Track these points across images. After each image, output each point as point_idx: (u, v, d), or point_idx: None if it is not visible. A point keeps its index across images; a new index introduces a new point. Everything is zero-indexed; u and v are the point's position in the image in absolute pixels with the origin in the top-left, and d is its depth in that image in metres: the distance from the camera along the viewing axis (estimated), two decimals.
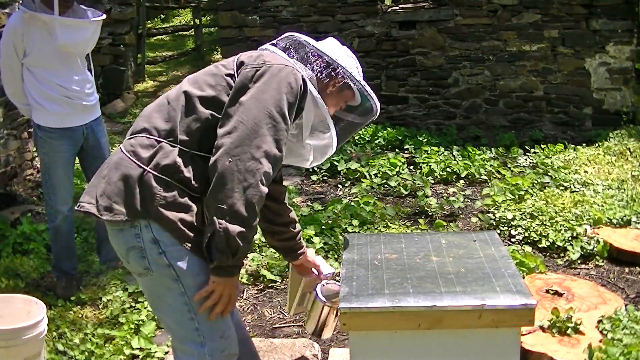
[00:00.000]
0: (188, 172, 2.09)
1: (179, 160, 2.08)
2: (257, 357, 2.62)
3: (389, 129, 6.99)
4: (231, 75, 2.18)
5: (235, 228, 1.97)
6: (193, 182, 2.09)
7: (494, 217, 4.75)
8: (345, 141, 2.55)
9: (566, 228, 4.41)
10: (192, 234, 2.08)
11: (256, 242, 4.33)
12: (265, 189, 2.03)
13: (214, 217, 1.99)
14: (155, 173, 2.07)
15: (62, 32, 3.60)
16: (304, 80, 2.17)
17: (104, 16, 3.87)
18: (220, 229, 1.97)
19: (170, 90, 2.27)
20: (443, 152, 6.33)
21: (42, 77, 3.65)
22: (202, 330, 2.12)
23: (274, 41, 2.36)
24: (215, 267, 2.04)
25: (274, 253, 4.17)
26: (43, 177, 3.87)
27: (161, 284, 2.12)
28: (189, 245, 2.08)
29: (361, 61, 2.49)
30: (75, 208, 2.17)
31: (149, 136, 2.13)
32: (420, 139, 6.73)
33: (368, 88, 2.33)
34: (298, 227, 2.61)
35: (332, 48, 2.33)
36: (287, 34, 2.38)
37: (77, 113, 3.75)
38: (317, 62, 2.27)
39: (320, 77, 2.26)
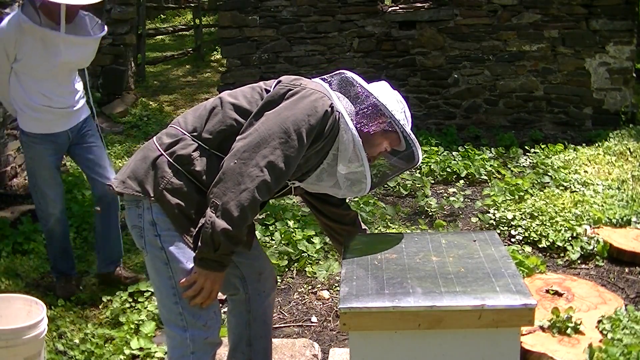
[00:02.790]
0: (200, 167, 2.20)
1: (195, 154, 2.21)
2: (269, 356, 2.63)
3: None
4: (267, 91, 2.29)
5: (221, 224, 2.04)
6: (204, 177, 2.19)
7: (494, 217, 4.75)
8: (382, 184, 2.57)
9: (566, 228, 4.41)
10: (189, 224, 2.18)
11: None
12: (260, 197, 2.10)
13: (208, 209, 2.09)
14: (169, 159, 2.21)
15: (66, 49, 3.48)
16: (332, 107, 2.20)
17: (105, 30, 3.74)
18: (209, 221, 2.06)
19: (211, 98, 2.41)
20: (443, 152, 6.33)
21: (27, 84, 3.55)
22: (185, 315, 2.20)
23: (324, 76, 2.40)
24: (198, 257, 2.12)
25: (274, 253, 4.18)
26: (30, 180, 3.81)
27: (153, 266, 2.23)
28: (184, 233, 2.18)
29: (361, 61, 2.49)
30: (106, 184, 2.36)
31: (176, 127, 2.29)
32: (420, 139, 6.72)
33: (411, 134, 2.33)
34: None
35: (381, 90, 2.35)
36: (338, 71, 2.42)
37: (59, 119, 3.66)
38: (363, 100, 2.30)
39: (363, 115, 2.28)
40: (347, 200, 2.65)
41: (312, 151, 2.23)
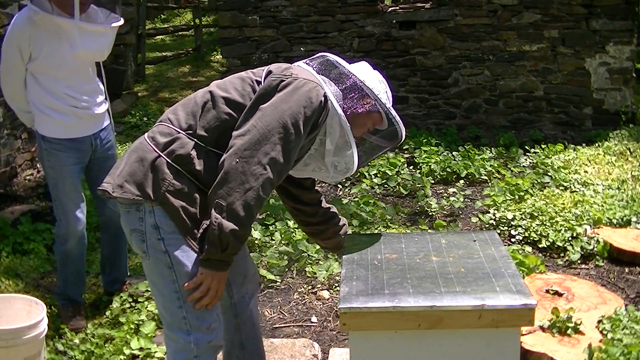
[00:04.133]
0: (199, 166, 2.17)
1: (193, 153, 2.17)
2: (263, 356, 2.63)
3: None
4: (258, 82, 2.26)
5: (229, 225, 2.04)
6: (203, 175, 2.16)
7: (494, 217, 4.75)
8: (368, 162, 2.59)
9: (566, 228, 4.41)
10: (192, 226, 2.15)
11: (256, 242, 4.33)
12: (265, 195, 2.10)
13: (212, 211, 2.06)
14: (168, 160, 2.16)
15: (81, 39, 3.25)
16: (325, 97, 2.21)
17: (122, 21, 3.52)
18: (215, 223, 2.04)
19: (200, 90, 2.34)
20: (443, 152, 6.34)
21: (48, 85, 3.31)
22: (189, 319, 2.18)
23: (307, 59, 2.40)
24: (204, 259, 2.10)
25: (274, 253, 4.18)
26: (52, 192, 3.48)
27: (156, 270, 2.19)
28: (188, 235, 2.15)
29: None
30: (98, 188, 2.26)
31: (169, 125, 2.23)
32: (420, 139, 6.73)
33: (394, 113, 2.36)
34: (342, 221, 2.66)
35: (363, 71, 2.36)
36: (320, 53, 2.43)
37: (84, 123, 3.42)
38: (346, 82, 2.30)
39: (348, 97, 2.29)
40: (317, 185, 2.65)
41: (306, 140, 2.23)
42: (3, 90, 3.49)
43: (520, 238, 4.46)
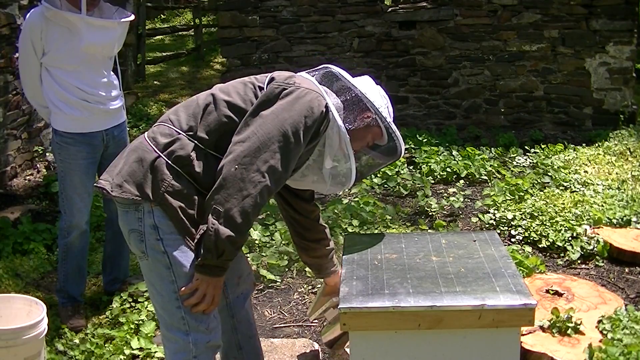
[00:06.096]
0: (199, 168, 2.17)
1: (193, 155, 2.17)
2: (261, 355, 2.64)
3: None
4: (260, 88, 2.26)
5: (225, 231, 2.04)
6: (202, 178, 2.17)
7: (494, 217, 4.75)
8: (365, 177, 2.59)
9: (566, 228, 4.41)
10: (191, 227, 2.15)
11: (256, 242, 4.33)
12: (262, 202, 2.10)
13: (209, 216, 2.06)
14: (168, 161, 2.16)
15: (88, 32, 3.34)
16: (327, 107, 2.21)
17: (133, 17, 3.56)
18: (212, 229, 2.04)
19: (202, 92, 2.35)
20: (443, 152, 6.33)
21: (59, 78, 3.38)
22: (187, 320, 2.18)
23: (309, 70, 2.41)
24: (200, 264, 2.11)
25: (274, 253, 4.18)
26: (59, 186, 3.54)
27: (154, 270, 2.19)
28: (187, 236, 2.15)
29: (361, 61, 2.50)
30: (94, 184, 2.24)
31: (170, 126, 2.23)
32: (420, 139, 6.72)
33: (395, 128, 2.36)
34: (331, 245, 2.68)
35: (365, 85, 2.36)
36: (324, 65, 2.43)
37: (95, 118, 3.45)
38: (348, 95, 2.31)
39: (349, 110, 2.30)
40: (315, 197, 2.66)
41: (305, 150, 2.24)
42: (23, 85, 3.59)
43: (520, 238, 4.46)
